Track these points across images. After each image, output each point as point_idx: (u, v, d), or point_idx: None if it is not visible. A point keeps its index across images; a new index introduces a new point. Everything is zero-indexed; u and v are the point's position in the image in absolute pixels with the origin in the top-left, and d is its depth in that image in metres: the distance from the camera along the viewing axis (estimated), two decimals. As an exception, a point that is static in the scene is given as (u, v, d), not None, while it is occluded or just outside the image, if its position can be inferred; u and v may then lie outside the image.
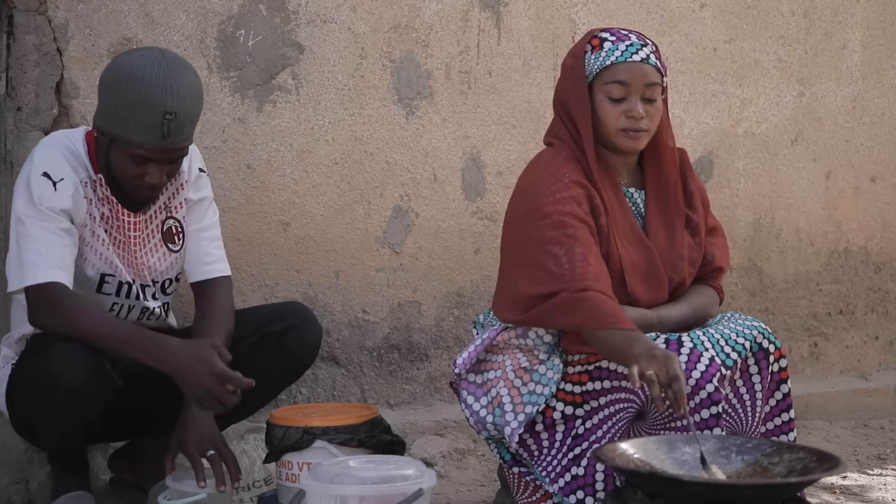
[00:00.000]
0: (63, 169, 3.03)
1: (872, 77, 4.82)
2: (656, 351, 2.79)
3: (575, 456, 3.03)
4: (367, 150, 3.99)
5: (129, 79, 2.97)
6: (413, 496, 2.68)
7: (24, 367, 3.02)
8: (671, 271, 3.15)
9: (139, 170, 3.03)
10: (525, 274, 3.03)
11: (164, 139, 2.99)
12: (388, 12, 3.99)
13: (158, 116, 2.96)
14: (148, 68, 2.97)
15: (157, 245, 3.20)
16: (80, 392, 2.92)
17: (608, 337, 2.90)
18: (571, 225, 3.00)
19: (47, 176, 3.01)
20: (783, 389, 3.09)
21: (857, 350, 4.88)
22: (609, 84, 3.06)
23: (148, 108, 2.96)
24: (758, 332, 3.04)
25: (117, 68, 3.02)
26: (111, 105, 3.00)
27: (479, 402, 3.15)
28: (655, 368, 2.73)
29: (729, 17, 4.53)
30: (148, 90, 2.95)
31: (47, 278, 2.94)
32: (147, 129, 2.97)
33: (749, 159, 4.61)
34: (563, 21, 4.24)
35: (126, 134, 2.98)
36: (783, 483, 2.64)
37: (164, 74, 2.97)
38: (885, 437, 4.54)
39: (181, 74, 3.00)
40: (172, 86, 2.97)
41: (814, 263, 4.76)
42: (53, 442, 3.12)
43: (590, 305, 2.92)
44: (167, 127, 2.97)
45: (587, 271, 2.96)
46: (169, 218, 3.21)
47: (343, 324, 3.99)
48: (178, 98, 2.97)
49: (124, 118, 2.97)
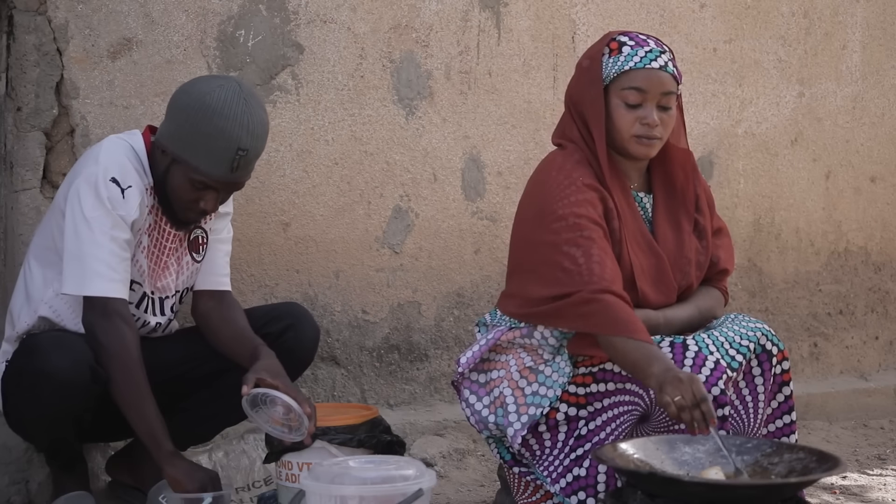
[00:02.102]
0: (131, 175, 3.04)
1: (872, 77, 4.82)
2: (679, 373, 2.76)
3: (577, 457, 3.02)
4: (366, 151, 3.99)
5: (208, 108, 2.98)
6: (413, 496, 2.68)
7: (16, 363, 3.06)
8: (679, 276, 3.15)
9: (196, 195, 3.05)
10: (539, 275, 3.01)
11: (231, 173, 3.03)
12: (388, 12, 3.99)
13: (232, 151, 2.99)
14: (228, 102, 2.99)
15: (184, 253, 3.22)
16: (67, 385, 2.94)
17: (625, 348, 2.87)
18: (587, 227, 2.98)
19: (115, 182, 3.02)
20: (785, 392, 3.09)
21: (856, 350, 4.88)
22: (626, 90, 3.04)
23: (223, 143, 2.98)
24: (761, 333, 3.04)
25: (197, 94, 3.02)
26: (185, 130, 3.01)
27: (481, 401, 3.14)
28: (682, 393, 2.71)
29: (729, 18, 4.53)
30: (226, 123, 2.98)
31: (113, 293, 2.98)
32: (218, 162, 3.00)
33: (749, 159, 4.60)
34: (563, 21, 4.23)
35: (195, 160, 3.01)
36: (783, 483, 2.64)
37: (243, 111, 3.00)
38: (884, 437, 4.54)
39: (257, 112, 3.03)
40: (249, 122, 3.00)
41: (814, 264, 4.76)
42: (43, 436, 3.14)
43: (606, 309, 2.90)
44: (238, 162, 3.01)
45: (605, 273, 2.94)
46: (197, 227, 3.22)
47: (343, 324, 3.99)
48: (253, 136, 3.02)
49: (196, 146, 3.00)
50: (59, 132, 3.62)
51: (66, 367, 2.93)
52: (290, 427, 2.95)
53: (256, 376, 2.95)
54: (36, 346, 2.99)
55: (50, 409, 2.98)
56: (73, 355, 2.95)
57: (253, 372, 2.97)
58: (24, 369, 2.98)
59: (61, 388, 2.94)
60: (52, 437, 3.11)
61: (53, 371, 2.93)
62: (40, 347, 2.97)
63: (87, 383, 2.97)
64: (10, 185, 3.61)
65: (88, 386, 2.98)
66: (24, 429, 3.12)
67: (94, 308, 2.98)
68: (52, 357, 2.94)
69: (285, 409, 2.94)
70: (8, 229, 3.65)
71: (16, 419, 3.11)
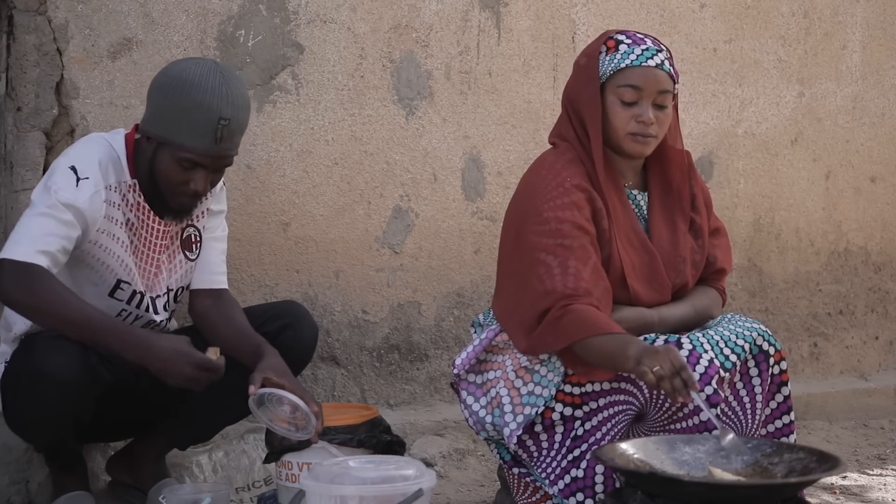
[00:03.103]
0: (92, 169, 3.04)
1: (872, 77, 4.82)
2: (655, 346, 2.78)
3: (574, 458, 3.02)
4: (367, 151, 3.99)
5: (185, 84, 3.00)
6: (413, 496, 2.68)
7: (14, 363, 3.06)
8: (673, 274, 3.15)
9: (185, 175, 3.05)
10: (520, 279, 3.02)
11: (216, 144, 3.02)
12: (388, 12, 3.99)
13: (214, 122, 2.99)
14: (204, 75, 3.01)
15: (176, 252, 3.21)
16: (66, 385, 2.95)
17: (599, 344, 2.88)
18: (569, 234, 2.99)
19: (73, 170, 3.02)
20: (783, 392, 3.08)
21: (856, 350, 4.88)
22: (622, 87, 3.05)
23: (204, 114, 2.99)
24: (757, 334, 3.04)
25: (172, 74, 3.04)
26: (164, 108, 3.02)
27: (478, 402, 3.14)
28: (660, 363, 2.71)
29: (729, 18, 4.53)
30: (204, 95, 2.99)
31: (27, 258, 2.93)
32: (201, 134, 3.00)
33: (749, 159, 4.61)
34: (563, 21, 4.24)
35: (178, 138, 3.01)
36: (783, 483, 2.64)
37: (220, 82, 3.01)
38: (884, 437, 4.54)
39: (235, 84, 3.05)
40: (228, 93, 3.01)
41: (814, 264, 4.76)
42: (42, 437, 3.13)
43: (574, 318, 2.91)
44: (220, 132, 3.01)
45: (579, 284, 2.94)
46: (190, 225, 3.23)
47: (343, 324, 3.99)
48: (233, 105, 3.02)
49: (178, 122, 3.00)
50: (59, 132, 3.63)
51: (64, 365, 2.94)
52: (297, 426, 2.95)
53: (263, 375, 2.94)
54: (34, 345, 2.99)
55: (49, 408, 2.98)
56: (72, 354, 2.95)
57: (259, 371, 2.96)
58: (23, 368, 2.99)
59: (59, 387, 2.94)
60: (51, 436, 3.11)
61: (52, 370, 2.93)
62: (39, 347, 2.97)
63: (85, 382, 2.98)
64: (10, 185, 3.62)
65: (86, 385, 2.99)
66: (23, 429, 3.12)
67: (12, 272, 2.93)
68: (50, 356, 2.94)
69: (292, 408, 2.94)
70: (8, 229, 3.65)
71: (15, 419, 3.11)
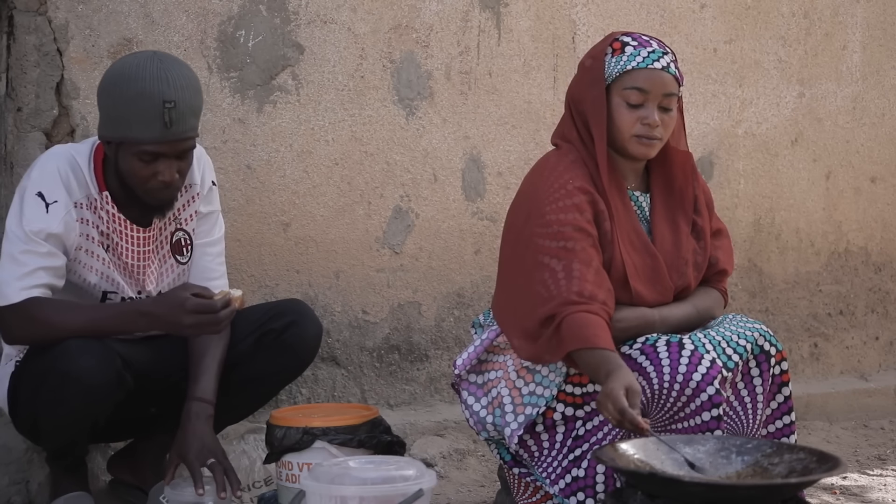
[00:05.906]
0: (57, 190, 3.03)
1: (872, 77, 4.82)
2: (603, 389, 2.79)
3: (575, 457, 3.02)
4: (367, 151, 3.99)
5: (123, 78, 2.99)
6: (413, 497, 2.68)
7: (33, 363, 3.02)
8: (675, 276, 3.14)
9: (149, 169, 3.02)
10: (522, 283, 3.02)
11: (167, 129, 2.98)
12: (388, 13, 3.99)
13: (158, 107, 2.96)
14: (141, 65, 2.99)
15: (166, 257, 3.21)
16: (94, 390, 2.93)
17: (586, 358, 2.90)
18: (571, 237, 2.98)
19: (41, 196, 3.02)
20: (784, 392, 3.09)
21: (857, 350, 4.88)
22: (628, 89, 3.04)
23: (146, 102, 2.96)
24: (759, 334, 3.04)
25: (111, 73, 3.04)
26: (111, 108, 3.01)
27: (479, 402, 3.14)
28: (607, 412, 2.77)
29: (729, 18, 4.53)
30: (143, 84, 2.96)
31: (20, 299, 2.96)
32: (149, 122, 2.97)
33: (749, 160, 4.61)
34: (563, 21, 4.24)
35: (129, 132, 2.98)
36: (783, 483, 2.64)
37: (158, 67, 2.99)
38: (885, 437, 4.54)
39: (174, 66, 3.02)
40: (167, 77, 2.98)
41: (814, 264, 4.76)
42: (58, 440, 3.11)
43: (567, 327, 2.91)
44: (168, 116, 2.97)
45: (583, 289, 2.94)
46: (179, 230, 3.21)
47: (343, 324, 3.99)
48: (175, 87, 2.98)
49: (126, 117, 2.98)
50: (59, 132, 3.62)
51: (94, 369, 2.92)
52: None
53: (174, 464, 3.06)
54: (61, 346, 2.94)
55: (72, 411, 2.97)
56: (102, 358, 2.94)
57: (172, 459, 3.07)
58: (48, 371, 2.94)
59: (87, 392, 2.92)
60: (65, 440, 3.09)
61: (80, 373, 2.91)
62: (66, 348, 2.93)
63: (114, 387, 2.97)
64: (10, 186, 3.61)
65: (115, 391, 2.98)
66: (35, 430, 3.09)
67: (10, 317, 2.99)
68: (78, 359, 2.91)
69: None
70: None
71: (27, 420, 3.07)
